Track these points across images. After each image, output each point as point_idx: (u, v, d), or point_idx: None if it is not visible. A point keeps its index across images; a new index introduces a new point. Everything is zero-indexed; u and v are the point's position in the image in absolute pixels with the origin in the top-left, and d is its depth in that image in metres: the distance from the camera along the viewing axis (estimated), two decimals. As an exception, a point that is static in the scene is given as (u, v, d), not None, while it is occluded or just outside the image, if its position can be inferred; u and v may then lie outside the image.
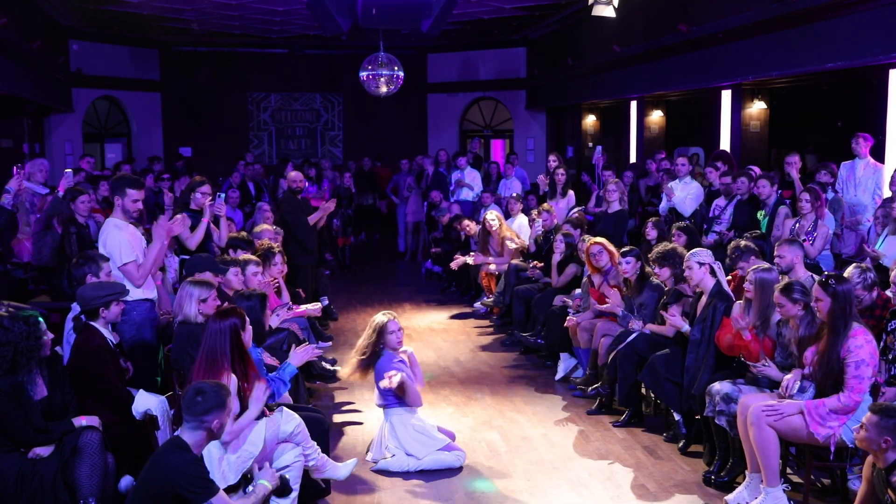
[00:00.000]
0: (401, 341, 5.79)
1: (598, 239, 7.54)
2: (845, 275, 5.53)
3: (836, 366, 4.64)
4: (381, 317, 5.77)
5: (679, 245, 6.96)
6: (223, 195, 8.20)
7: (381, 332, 5.71)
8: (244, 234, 7.72)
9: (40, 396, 4.50)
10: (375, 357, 5.72)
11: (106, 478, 4.40)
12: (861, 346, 4.60)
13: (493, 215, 10.28)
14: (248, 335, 4.61)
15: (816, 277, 5.73)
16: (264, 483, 4.16)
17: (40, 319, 4.45)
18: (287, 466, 4.63)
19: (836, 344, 4.64)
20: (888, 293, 5.62)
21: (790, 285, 5.05)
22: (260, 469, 4.30)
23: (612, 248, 7.38)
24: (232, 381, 4.34)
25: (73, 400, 4.68)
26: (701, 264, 5.84)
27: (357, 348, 5.85)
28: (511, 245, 9.80)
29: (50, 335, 4.57)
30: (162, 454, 3.75)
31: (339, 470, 5.09)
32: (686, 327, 5.87)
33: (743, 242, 6.37)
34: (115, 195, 5.96)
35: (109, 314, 5.10)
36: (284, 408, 4.91)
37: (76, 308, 5.34)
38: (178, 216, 6.63)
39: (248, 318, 4.66)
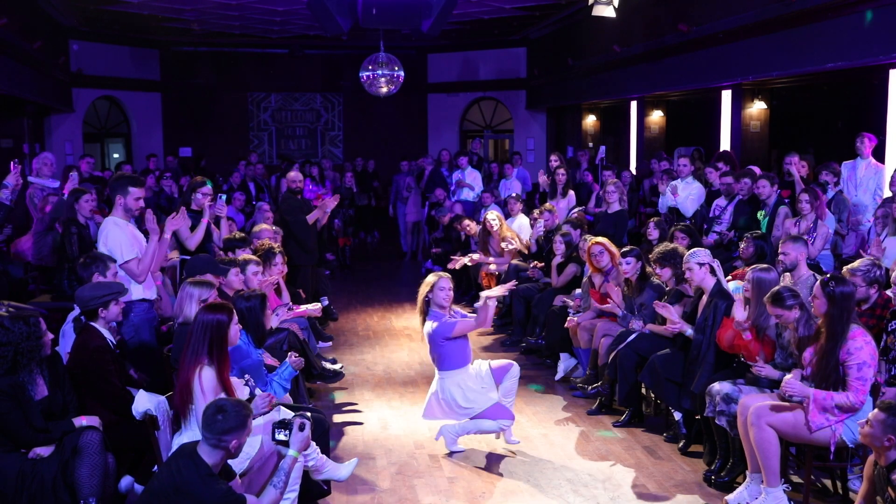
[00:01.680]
0: (448, 298, 6.00)
1: (600, 239, 7.53)
2: (856, 264, 5.53)
3: (833, 371, 4.62)
4: (432, 276, 6.05)
5: (681, 246, 6.95)
6: (224, 196, 8.20)
7: (432, 287, 5.98)
8: (237, 233, 7.71)
9: (41, 396, 4.49)
10: (426, 311, 6.02)
11: (106, 478, 4.40)
12: (861, 347, 4.58)
13: (493, 215, 10.27)
14: (233, 332, 4.56)
15: (818, 277, 5.74)
16: (292, 454, 4.09)
17: (41, 319, 4.45)
18: None
19: (834, 348, 4.61)
20: (888, 293, 5.61)
21: (778, 294, 4.97)
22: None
23: (613, 248, 7.38)
24: (209, 374, 4.32)
25: (73, 400, 4.68)
26: (701, 265, 5.84)
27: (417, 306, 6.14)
28: (509, 247, 9.78)
29: (50, 335, 4.57)
30: (188, 480, 3.63)
31: (340, 470, 5.04)
32: (690, 331, 5.85)
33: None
34: (116, 194, 5.95)
35: (109, 314, 5.09)
36: (282, 408, 4.91)
37: (78, 309, 5.33)
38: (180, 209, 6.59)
39: (236, 316, 4.61)
